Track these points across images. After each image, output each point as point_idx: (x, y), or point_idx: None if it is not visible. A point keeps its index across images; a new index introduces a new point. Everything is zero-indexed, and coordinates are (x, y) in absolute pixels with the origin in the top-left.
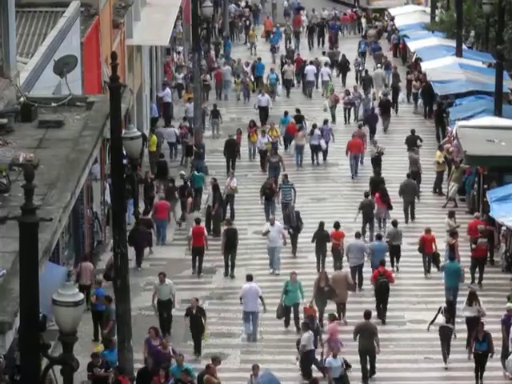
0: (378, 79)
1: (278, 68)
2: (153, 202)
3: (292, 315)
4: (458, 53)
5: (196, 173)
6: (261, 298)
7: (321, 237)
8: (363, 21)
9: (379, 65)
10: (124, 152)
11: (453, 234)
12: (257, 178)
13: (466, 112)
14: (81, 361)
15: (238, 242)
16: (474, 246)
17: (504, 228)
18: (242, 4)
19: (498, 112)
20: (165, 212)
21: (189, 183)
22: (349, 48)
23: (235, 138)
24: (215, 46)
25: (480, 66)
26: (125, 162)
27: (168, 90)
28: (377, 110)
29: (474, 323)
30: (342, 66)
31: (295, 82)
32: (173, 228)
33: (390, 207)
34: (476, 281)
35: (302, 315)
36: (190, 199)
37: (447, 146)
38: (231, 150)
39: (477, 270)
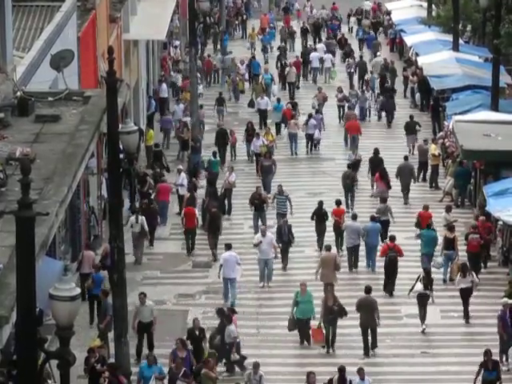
0: (376, 67)
1: (272, 68)
2: (145, 197)
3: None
4: (455, 47)
5: (213, 158)
6: (238, 264)
7: (319, 215)
8: (352, 19)
9: (378, 53)
10: (121, 146)
11: (451, 228)
12: (253, 173)
13: (462, 106)
14: (77, 355)
15: (222, 226)
16: (465, 241)
17: (500, 223)
18: None
19: (494, 106)
20: (167, 194)
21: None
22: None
23: (229, 134)
24: (213, 37)
25: (477, 60)
26: (121, 156)
27: (164, 85)
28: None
29: (468, 294)
30: (348, 55)
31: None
32: (169, 223)
33: (389, 187)
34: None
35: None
36: (187, 194)
37: (445, 141)
38: (222, 140)
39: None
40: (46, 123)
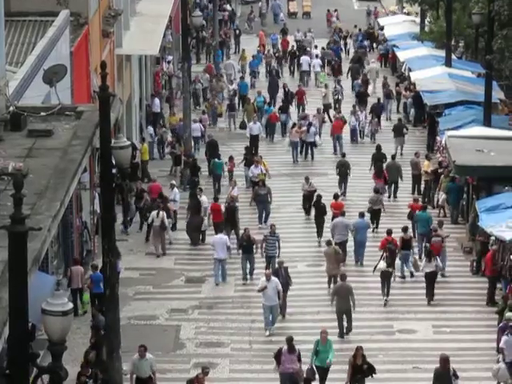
0: (371, 73)
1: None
2: (142, 211)
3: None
4: (448, 63)
5: (217, 160)
6: (228, 247)
7: (319, 208)
8: (349, 41)
9: (373, 60)
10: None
11: (405, 229)
12: (246, 188)
13: (455, 122)
14: (69, 370)
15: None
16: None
17: (493, 238)
18: (226, 7)
19: (487, 122)
20: (158, 193)
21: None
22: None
23: (228, 165)
24: (206, 48)
25: (469, 75)
26: (114, 171)
27: (157, 100)
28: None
29: (432, 277)
30: (356, 62)
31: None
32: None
33: (386, 183)
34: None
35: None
36: (171, 206)
37: (437, 157)
38: (213, 151)
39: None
40: (39, 138)
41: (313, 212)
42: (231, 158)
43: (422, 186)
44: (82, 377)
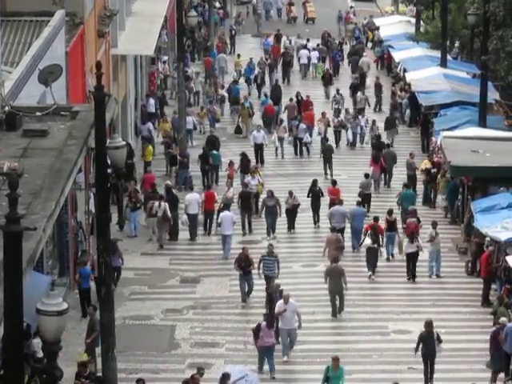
0: (364, 66)
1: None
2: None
3: None
4: (443, 63)
5: (214, 152)
6: (234, 223)
7: (315, 192)
8: (345, 47)
9: (365, 53)
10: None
11: (390, 212)
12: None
13: (450, 122)
14: (64, 370)
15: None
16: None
17: (488, 239)
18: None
19: (482, 123)
20: (150, 184)
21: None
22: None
23: (228, 170)
24: (198, 45)
25: (465, 76)
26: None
27: (152, 100)
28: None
29: (413, 257)
30: (353, 54)
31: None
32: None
33: (383, 171)
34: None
35: None
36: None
37: (433, 157)
38: (211, 146)
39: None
40: (34, 138)
41: (309, 203)
42: (232, 163)
43: (418, 186)
44: (79, 379)
